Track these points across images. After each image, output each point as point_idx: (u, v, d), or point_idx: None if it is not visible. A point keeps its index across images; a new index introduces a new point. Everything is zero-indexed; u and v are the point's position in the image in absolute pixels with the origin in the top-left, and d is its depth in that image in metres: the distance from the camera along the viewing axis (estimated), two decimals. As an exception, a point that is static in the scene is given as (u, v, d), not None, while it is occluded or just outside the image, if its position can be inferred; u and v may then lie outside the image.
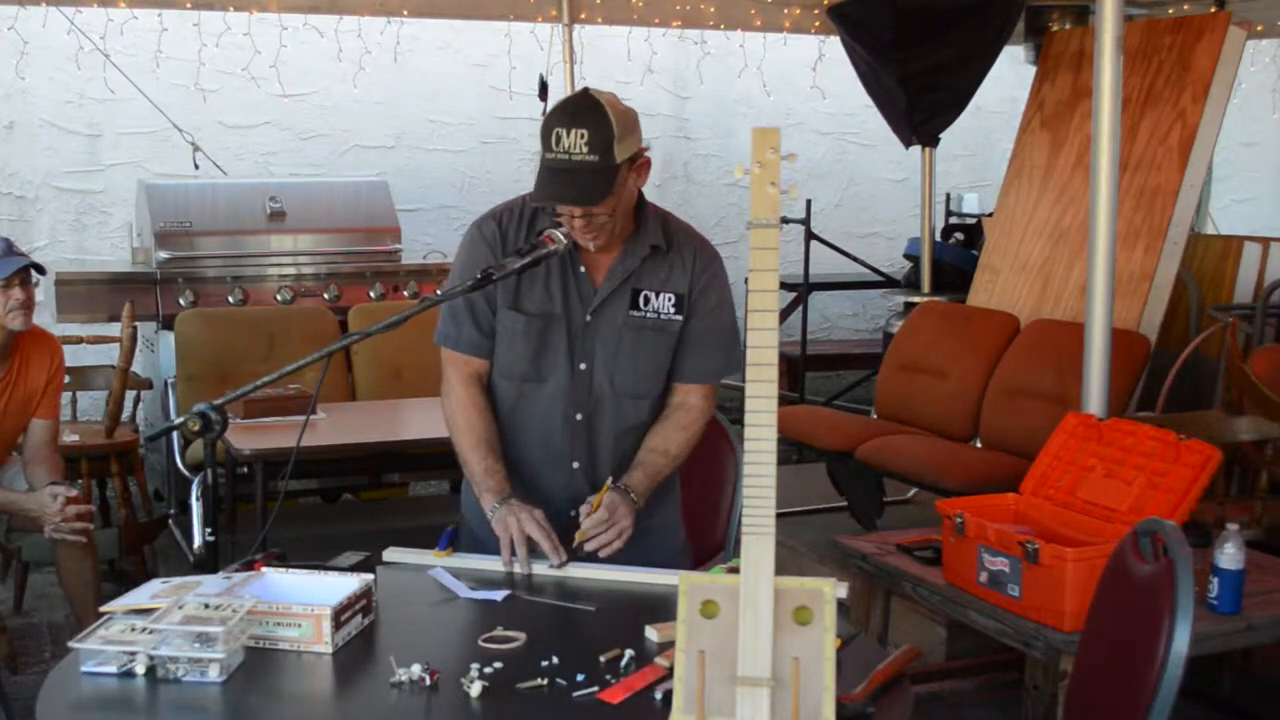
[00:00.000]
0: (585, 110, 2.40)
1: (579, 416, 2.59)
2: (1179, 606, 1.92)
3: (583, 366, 2.58)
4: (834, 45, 6.89)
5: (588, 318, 2.56)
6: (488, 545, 2.54)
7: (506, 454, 2.62)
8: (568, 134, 2.37)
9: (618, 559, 2.51)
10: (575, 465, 2.61)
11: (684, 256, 2.60)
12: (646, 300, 2.57)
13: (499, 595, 2.37)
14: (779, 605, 1.66)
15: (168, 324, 5.51)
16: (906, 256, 7.69)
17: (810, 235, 7.34)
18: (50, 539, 3.87)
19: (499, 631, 2.16)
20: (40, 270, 3.91)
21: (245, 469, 4.25)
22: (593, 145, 2.37)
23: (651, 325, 2.58)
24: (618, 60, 7.73)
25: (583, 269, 2.57)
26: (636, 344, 2.57)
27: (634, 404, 2.60)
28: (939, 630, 4.19)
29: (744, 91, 8.33)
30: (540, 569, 2.49)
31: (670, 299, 2.58)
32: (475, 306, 2.61)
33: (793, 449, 5.78)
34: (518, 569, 2.48)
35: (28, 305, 3.83)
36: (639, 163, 2.48)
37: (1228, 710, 3.93)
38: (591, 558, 2.52)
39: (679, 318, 2.59)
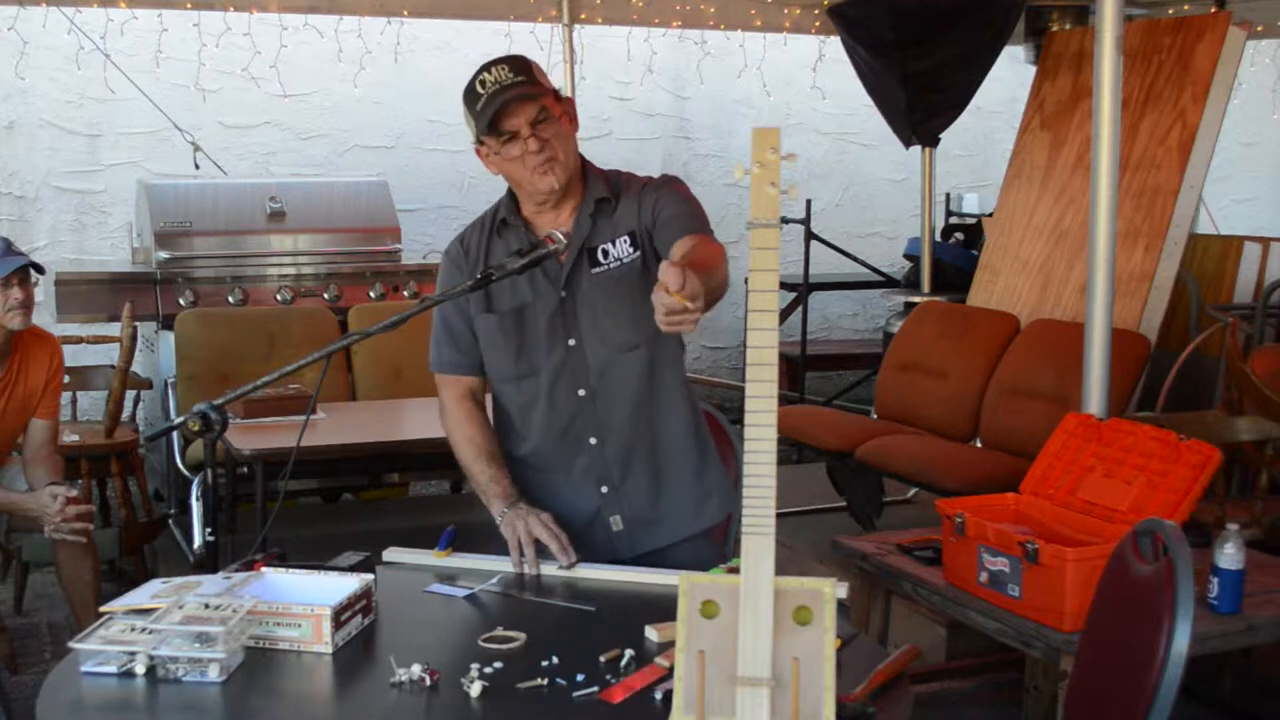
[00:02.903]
0: (500, 59, 2.51)
1: (582, 393, 2.57)
2: (1179, 606, 1.92)
3: (572, 342, 2.56)
4: (834, 45, 6.89)
5: (563, 294, 2.55)
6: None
7: (529, 452, 2.63)
8: (490, 72, 2.48)
9: (643, 541, 2.56)
10: (593, 441, 2.59)
11: (630, 198, 2.59)
12: (605, 253, 2.56)
13: (460, 593, 2.39)
14: (779, 605, 1.66)
15: (168, 324, 5.51)
16: (906, 256, 7.69)
17: (810, 235, 7.34)
18: (50, 539, 3.87)
19: (499, 631, 2.16)
20: (39, 270, 3.91)
21: (245, 469, 4.25)
22: (516, 71, 2.47)
23: (618, 274, 2.55)
24: (618, 60, 7.73)
25: None
26: (611, 297, 2.55)
27: (631, 356, 2.56)
28: (939, 630, 4.19)
29: (744, 91, 8.33)
30: (549, 570, 2.49)
31: (625, 240, 2.56)
32: (451, 327, 2.65)
33: (793, 449, 5.78)
34: (527, 570, 2.48)
35: (27, 305, 3.83)
36: (565, 101, 2.54)
37: (1228, 710, 3.93)
38: (600, 559, 2.53)
39: (637, 254, 2.55)
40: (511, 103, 2.44)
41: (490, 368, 2.64)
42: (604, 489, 2.60)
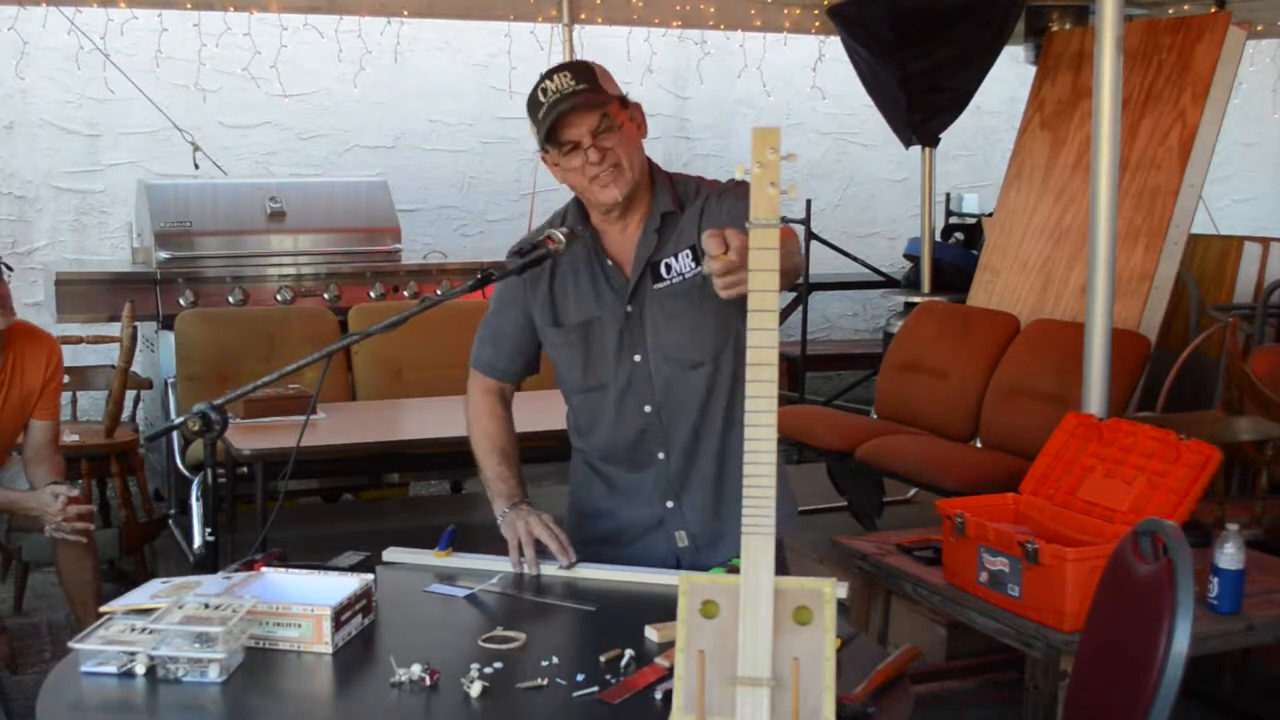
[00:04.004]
0: (563, 66, 2.45)
1: (648, 409, 2.54)
2: (1179, 606, 1.92)
3: (637, 358, 2.53)
4: (834, 45, 6.89)
5: (628, 308, 2.52)
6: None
7: (601, 465, 2.62)
8: (552, 80, 2.41)
9: (710, 557, 2.52)
10: (660, 456, 2.56)
11: (694, 206, 2.54)
12: (668, 268, 2.51)
13: (460, 593, 2.40)
14: (779, 605, 1.66)
15: (168, 324, 5.51)
16: (906, 256, 7.69)
17: (810, 235, 7.34)
18: (51, 539, 3.86)
19: (499, 631, 2.16)
20: (8, 267, 3.86)
21: (245, 469, 4.24)
22: (579, 79, 2.41)
23: (680, 289, 2.50)
24: (618, 60, 7.71)
25: (609, 261, 2.54)
26: (674, 313, 2.51)
27: (695, 375, 2.51)
28: (939, 630, 4.19)
29: (744, 91, 8.33)
30: (549, 570, 2.49)
31: (687, 254, 2.51)
32: (497, 330, 2.64)
33: (793, 449, 5.78)
34: (527, 569, 2.48)
35: (2, 304, 3.76)
36: (632, 106, 2.49)
37: (1228, 710, 3.93)
38: (599, 559, 2.53)
39: (699, 268, 2.48)
40: (571, 113, 2.39)
41: (559, 379, 2.63)
42: (669, 504, 2.58)
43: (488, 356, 2.67)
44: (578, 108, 2.39)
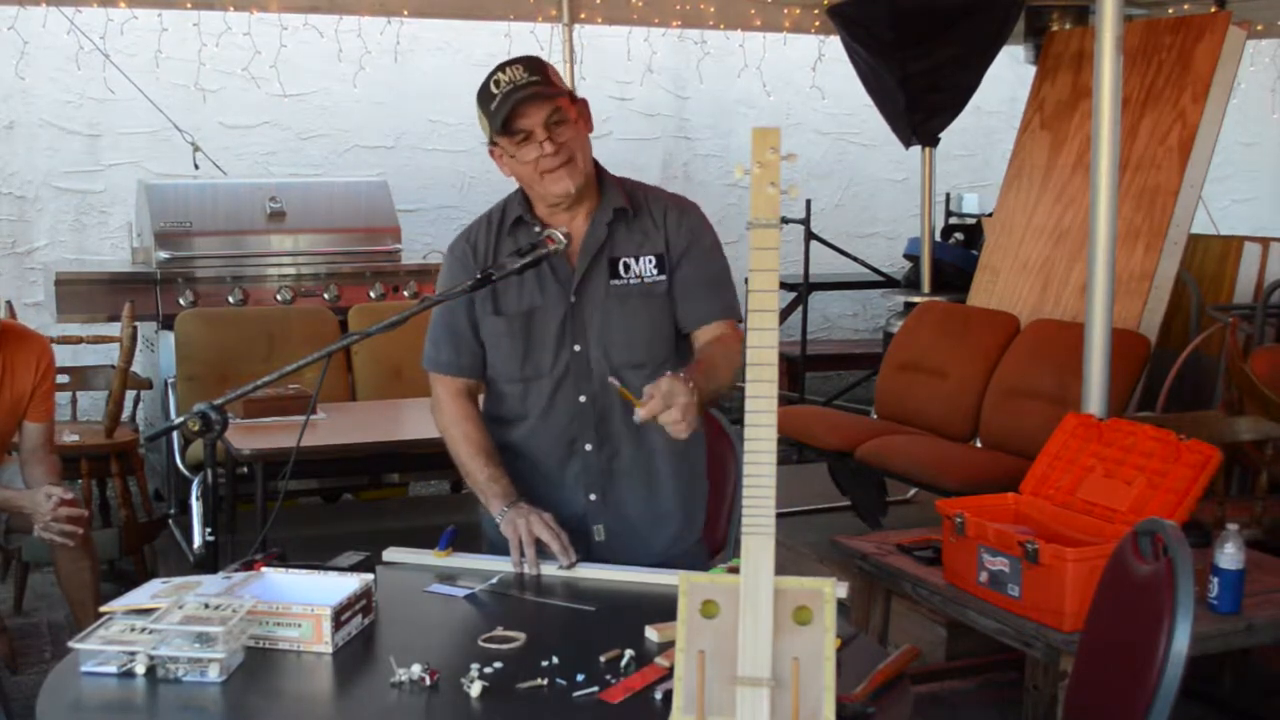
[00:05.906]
0: (514, 60, 2.49)
1: (583, 399, 2.56)
2: (1179, 606, 1.92)
3: (577, 348, 2.55)
4: (834, 45, 6.89)
5: (572, 298, 2.54)
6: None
7: (522, 451, 2.62)
8: (504, 71, 2.45)
9: (624, 554, 2.53)
10: (588, 448, 2.58)
11: (655, 217, 2.58)
12: (627, 267, 2.54)
13: (460, 593, 2.39)
14: (779, 605, 1.66)
15: (168, 324, 5.51)
16: (906, 256, 7.69)
17: (810, 235, 7.34)
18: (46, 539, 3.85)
19: (499, 631, 2.16)
20: None
21: (245, 469, 4.25)
22: (531, 71, 2.46)
23: (637, 291, 2.54)
24: (618, 60, 7.73)
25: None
26: (625, 313, 2.54)
27: (635, 375, 2.51)
28: (939, 630, 4.19)
29: (744, 91, 8.33)
30: (549, 570, 2.49)
31: (651, 260, 2.55)
32: (454, 329, 2.63)
33: (793, 449, 5.78)
34: (527, 569, 2.48)
35: None
36: (580, 102, 2.53)
37: (1228, 710, 3.93)
38: (600, 559, 2.54)
39: (663, 278, 2.55)
40: (525, 102, 2.42)
41: (494, 369, 2.62)
42: (592, 496, 2.59)
43: (448, 357, 2.65)
44: (532, 98, 2.43)
